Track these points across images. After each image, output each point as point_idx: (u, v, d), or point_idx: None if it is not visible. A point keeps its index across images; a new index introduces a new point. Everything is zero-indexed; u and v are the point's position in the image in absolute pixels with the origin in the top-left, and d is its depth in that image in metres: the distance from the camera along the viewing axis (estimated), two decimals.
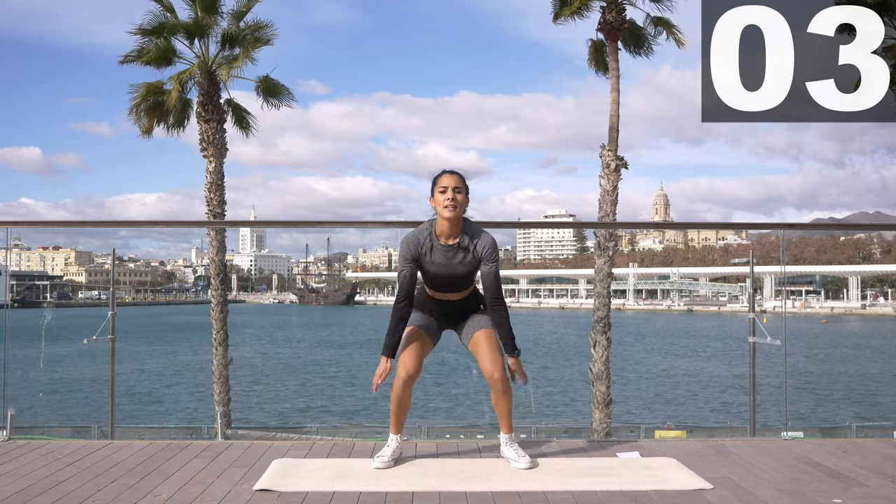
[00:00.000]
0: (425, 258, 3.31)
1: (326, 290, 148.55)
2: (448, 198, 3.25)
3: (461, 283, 3.38)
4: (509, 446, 3.37)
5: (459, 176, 3.32)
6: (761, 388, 4.74)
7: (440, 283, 3.37)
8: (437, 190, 3.29)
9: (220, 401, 15.03)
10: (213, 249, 16.07)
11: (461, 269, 3.31)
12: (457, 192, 3.26)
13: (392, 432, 3.39)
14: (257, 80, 16.26)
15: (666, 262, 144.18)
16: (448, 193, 3.25)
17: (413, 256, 3.31)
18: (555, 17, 15.17)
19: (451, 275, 3.33)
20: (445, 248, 3.31)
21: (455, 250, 3.30)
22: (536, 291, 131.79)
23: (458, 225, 3.30)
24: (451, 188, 3.26)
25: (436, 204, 3.29)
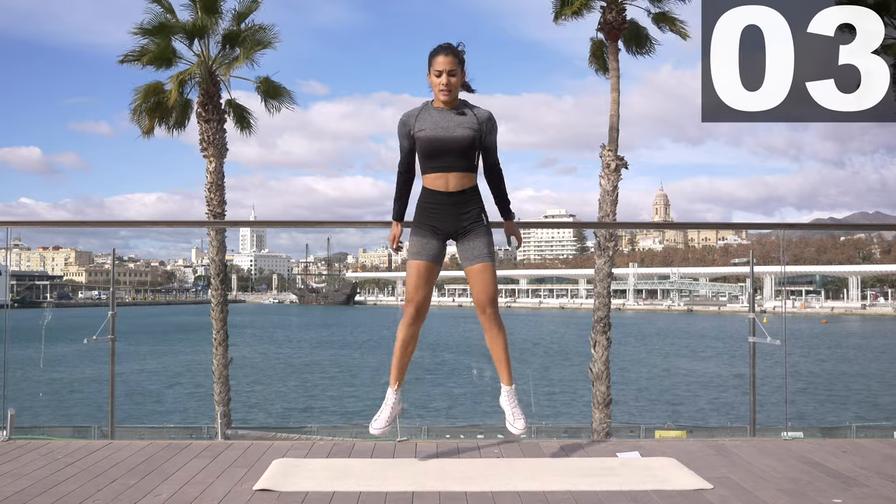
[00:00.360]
0: (422, 127, 3.23)
1: (326, 290, 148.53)
2: (442, 82, 3.21)
3: (461, 153, 3.22)
4: (509, 401, 3.35)
5: (454, 56, 3.23)
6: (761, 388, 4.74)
7: (439, 148, 3.20)
8: (433, 71, 3.24)
9: (220, 401, 15.03)
10: (213, 249, 16.07)
11: (461, 131, 3.20)
12: (451, 75, 3.21)
13: (390, 385, 3.35)
14: (257, 80, 16.27)
15: (666, 262, 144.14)
16: (443, 78, 3.21)
17: (407, 131, 3.27)
18: (555, 17, 15.17)
19: (450, 137, 3.19)
20: (441, 110, 3.25)
21: (453, 114, 3.24)
22: (536, 291, 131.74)
23: (454, 103, 3.27)
24: (446, 72, 3.21)
25: (432, 84, 3.26)
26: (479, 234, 3.30)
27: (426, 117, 3.24)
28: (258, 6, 15.87)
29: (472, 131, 3.22)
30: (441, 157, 3.23)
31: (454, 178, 3.25)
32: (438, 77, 3.22)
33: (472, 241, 3.29)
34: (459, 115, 3.23)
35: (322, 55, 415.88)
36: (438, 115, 3.24)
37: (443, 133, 3.20)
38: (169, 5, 15.65)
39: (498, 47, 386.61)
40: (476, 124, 3.23)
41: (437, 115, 3.24)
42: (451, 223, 3.29)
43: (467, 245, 3.30)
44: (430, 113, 3.25)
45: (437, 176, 3.25)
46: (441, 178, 3.25)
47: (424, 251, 3.30)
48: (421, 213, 3.32)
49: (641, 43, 15.81)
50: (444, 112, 3.24)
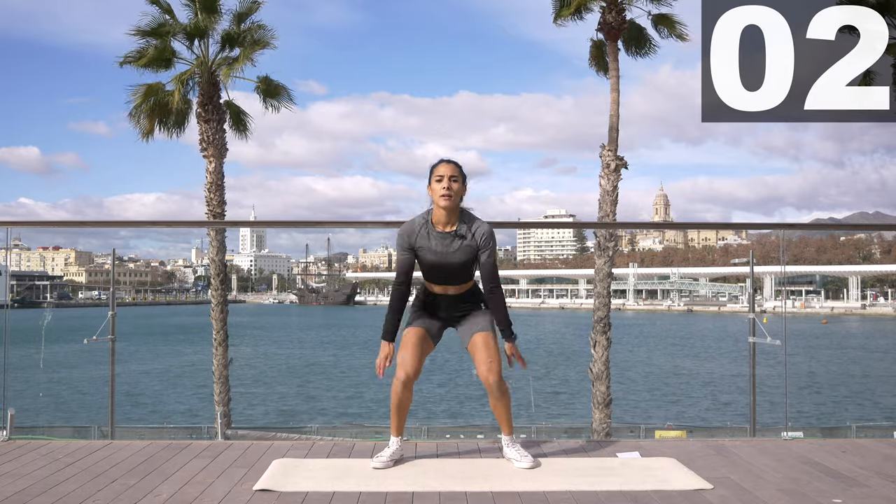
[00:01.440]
0: (421, 246, 3.28)
1: (326, 290, 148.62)
2: (444, 186, 3.23)
3: (460, 273, 3.33)
4: (511, 447, 3.36)
5: (456, 165, 3.30)
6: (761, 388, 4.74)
7: (438, 272, 3.32)
8: (434, 179, 3.27)
9: (220, 401, 15.03)
10: (213, 249, 16.07)
11: (459, 256, 3.27)
12: (453, 180, 3.24)
13: (392, 434, 3.38)
14: (257, 80, 16.27)
15: (666, 262, 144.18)
16: (444, 182, 3.23)
17: (408, 245, 3.29)
18: (555, 17, 15.17)
19: (448, 263, 3.28)
20: (442, 234, 3.28)
21: (452, 237, 3.27)
22: (536, 291, 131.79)
23: (454, 214, 3.28)
24: (448, 177, 3.24)
25: (432, 192, 3.28)
26: (478, 314, 3.41)
27: (426, 239, 3.28)
28: (259, 6, 15.88)
29: (468, 255, 3.29)
30: (441, 276, 3.35)
31: (454, 288, 3.39)
32: (439, 182, 3.25)
33: (472, 318, 3.40)
34: (458, 240, 3.27)
35: (320, 55, 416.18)
36: (438, 241, 3.28)
37: (441, 259, 3.28)
38: (167, 6, 15.65)
39: (498, 47, 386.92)
40: (473, 245, 3.28)
41: (437, 240, 3.28)
42: (451, 313, 3.42)
43: (466, 324, 3.40)
44: (430, 235, 3.28)
45: (439, 287, 3.39)
46: (441, 288, 3.39)
47: (423, 322, 3.39)
48: (421, 301, 3.44)
49: (641, 44, 15.80)
50: (443, 237, 3.27)
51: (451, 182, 3.24)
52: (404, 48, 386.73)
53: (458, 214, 3.30)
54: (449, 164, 3.29)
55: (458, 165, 3.31)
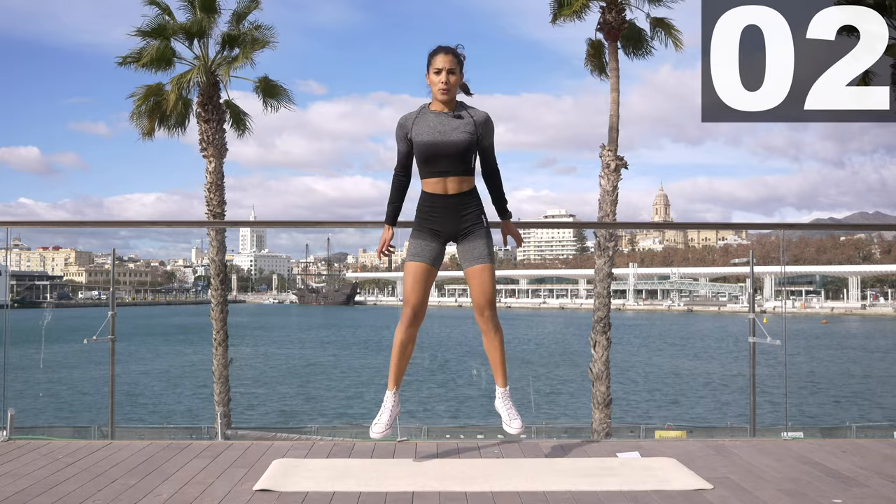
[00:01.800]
0: (419, 130, 3.23)
1: (326, 291, 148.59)
2: (442, 80, 3.20)
3: (459, 158, 3.22)
4: (504, 403, 3.36)
5: (454, 55, 3.25)
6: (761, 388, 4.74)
7: (436, 155, 3.20)
8: (432, 70, 3.23)
9: (220, 401, 15.04)
10: (213, 249, 16.08)
11: (457, 135, 3.19)
12: (450, 73, 3.21)
13: (389, 387, 3.35)
14: (256, 80, 16.29)
15: (666, 262, 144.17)
16: (442, 76, 3.21)
17: (404, 135, 3.27)
18: (553, 18, 15.16)
19: (447, 142, 3.19)
20: (438, 114, 3.25)
21: (450, 117, 3.24)
22: (536, 291, 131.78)
23: (452, 104, 3.27)
24: (446, 70, 3.21)
25: (430, 83, 3.25)
26: (478, 236, 3.31)
27: (423, 121, 3.24)
28: (257, 6, 15.90)
29: (468, 135, 3.21)
30: (439, 162, 3.23)
31: (452, 181, 3.26)
32: (437, 75, 3.21)
33: (472, 242, 3.30)
34: (456, 119, 3.23)
35: (319, 55, 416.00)
36: (435, 119, 3.23)
37: (440, 137, 3.19)
38: (166, 6, 15.65)
39: (497, 47, 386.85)
40: (473, 127, 3.23)
41: (434, 118, 3.23)
42: (451, 225, 3.29)
43: (467, 246, 3.31)
44: (427, 116, 3.25)
45: (436, 181, 3.26)
46: (440, 183, 3.26)
47: (423, 253, 3.30)
48: (420, 216, 3.33)
49: (639, 45, 15.82)
50: (441, 116, 3.24)
51: (448, 75, 3.21)
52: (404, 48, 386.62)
53: (455, 104, 3.28)
54: (447, 56, 3.23)
55: (456, 55, 3.25)
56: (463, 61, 3.27)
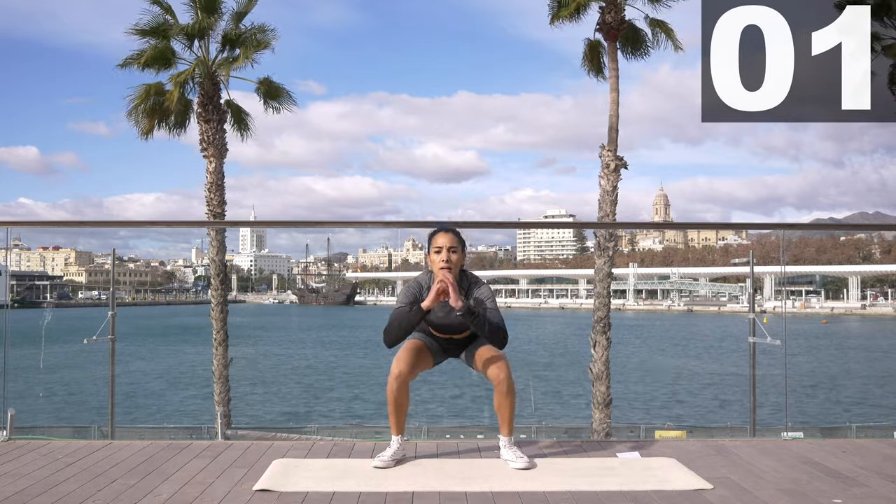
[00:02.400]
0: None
1: (326, 290, 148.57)
2: (443, 259, 3.28)
3: (462, 328, 3.39)
4: (509, 448, 3.38)
5: (454, 234, 3.34)
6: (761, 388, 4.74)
7: (441, 329, 3.42)
8: (433, 250, 3.32)
9: (220, 401, 15.03)
10: (213, 249, 16.07)
11: (457, 320, 3.31)
12: (451, 251, 3.29)
13: (392, 433, 3.39)
14: (257, 81, 16.27)
15: (666, 262, 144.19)
16: (443, 254, 3.28)
17: (414, 299, 3.31)
18: (552, 19, 15.15)
19: (450, 324, 3.36)
20: (443, 303, 3.31)
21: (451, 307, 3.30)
22: (536, 291, 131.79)
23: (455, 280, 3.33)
24: (447, 248, 3.29)
25: (432, 263, 3.32)
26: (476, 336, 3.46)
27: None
28: (255, 3, 15.87)
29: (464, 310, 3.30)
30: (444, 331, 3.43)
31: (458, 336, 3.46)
32: (438, 254, 3.29)
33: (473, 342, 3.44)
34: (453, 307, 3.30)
35: (319, 55, 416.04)
36: (441, 308, 3.33)
37: (443, 321, 3.36)
38: (168, 6, 15.64)
39: (497, 47, 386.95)
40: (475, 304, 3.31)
41: (440, 307, 3.32)
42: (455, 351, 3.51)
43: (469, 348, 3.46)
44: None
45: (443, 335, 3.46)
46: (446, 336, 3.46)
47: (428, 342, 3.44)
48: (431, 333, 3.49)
49: (638, 45, 15.81)
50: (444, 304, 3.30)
51: (449, 254, 3.28)
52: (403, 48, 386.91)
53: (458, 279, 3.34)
54: (447, 235, 3.33)
55: (455, 234, 3.35)
56: (464, 242, 3.38)
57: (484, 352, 3.36)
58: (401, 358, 3.32)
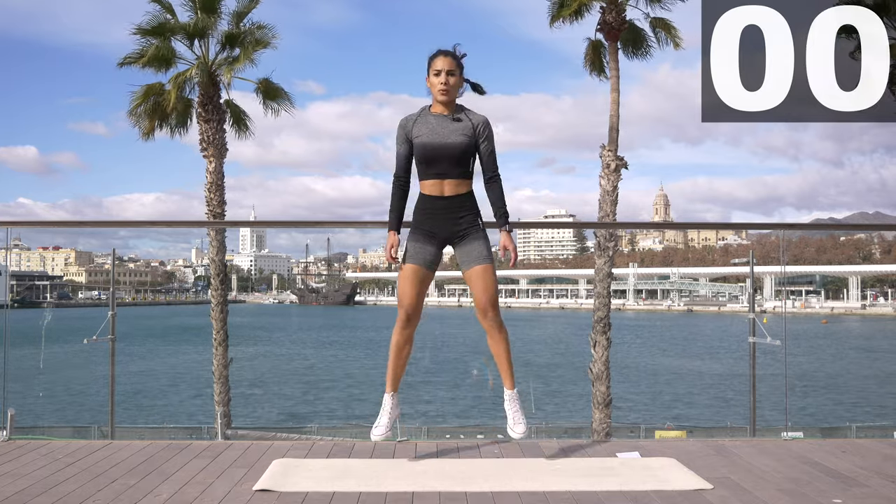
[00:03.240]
0: (419, 131, 3.25)
1: (326, 291, 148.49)
2: (441, 81, 3.23)
3: (456, 161, 3.24)
4: (511, 405, 3.37)
5: (454, 57, 3.28)
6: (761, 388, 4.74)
7: (434, 156, 3.22)
8: (432, 72, 3.26)
9: (220, 401, 15.03)
10: (213, 249, 16.07)
11: (456, 138, 3.22)
12: (450, 75, 3.24)
13: (387, 390, 3.37)
14: (257, 81, 16.27)
15: (666, 262, 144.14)
16: (441, 77, 3.24)
17: (405, 136, 3.28)
18: (552, 19, 15.16)
19: (445, 144, 3.21)
20: (438, 116, 3.27)
21: (450, 119, 3.27)
22: (536, 291, 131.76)
23: (451, 106, 3.29)
24: (445, 71, 3.24)
25: (430, 85, 3.28)
26: (476, 238, 3.31)
27: (423, 122, 3.27)
28: (257, 4, 15.87)
29: (466, 138, 3.23)
30: (437, 164, 3.24)
31: (449, 184, 3.27)
32: (437, 76, 3.24)
33: (470, 244, 3.30)
34: (455, 122, 3.26)
35: (318, 54, 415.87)
36: (435, 121, 3.25)
37: (438, 139, 3.22)
38: (169, 5, 15.64)
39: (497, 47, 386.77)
40: (471, 130, 3.25)
41: (434, 120, 3.26)
42: (447, 228, 3.30)
43: (465, 248, 3.31)
44: (427, 118, 3.27)
45: (434, 182, 3.27)
46: (437, 185, 3.27)
47: (418, 255, 3.30)
48: (418, 217, 3.33)
49: (639, 45, 15.82)
50: (440, 118, 3.26)
51: (448, 77, 3.24)
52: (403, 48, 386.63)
53: (455, 107, 3.31)
54: (446, 58, 3.26)
55: (455, 58, 3.28)
56: (462, 63, 3.30)
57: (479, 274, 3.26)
58: (403, 298, 3.28)
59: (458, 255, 3.34)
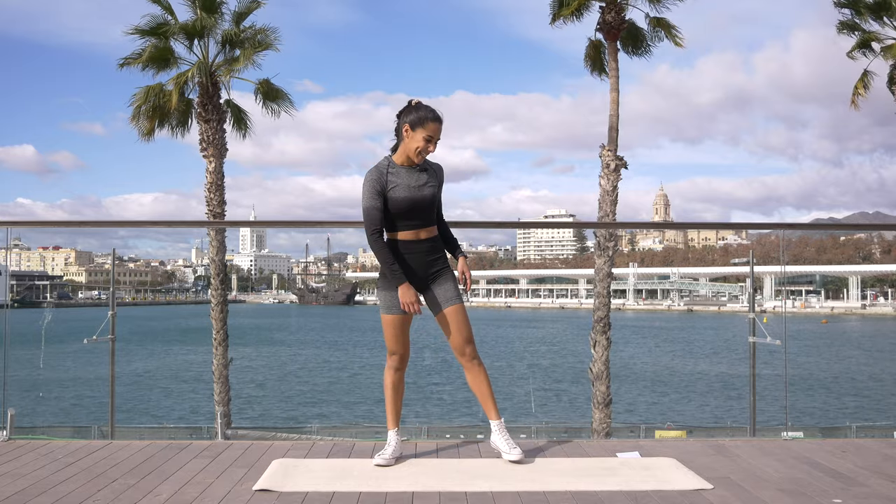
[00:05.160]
0: (393, 184, 3.24)
1: (326, 290, 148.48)
2: (429, 149, 3.26)
3: (429, 210, 3.31)
4: (500, 435, 3.37)
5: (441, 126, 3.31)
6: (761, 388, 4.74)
7: (411, 209, 3.26)
8: (422, 133, 3.23)
9: (220, 401, 15.02)
10: (213, 249, 16.06)
11: (427, 190, 3.28)
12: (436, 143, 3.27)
13: (389, 427, 3.39)
14: (257, 82, 16.24)
15: (666, 262, 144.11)
16: (431, 146, 3.26)
17: (380, 189, 3.25)
18: (552, 18, 15.16)
19: (420, 198, 3.26)
20: (408, 169, 3.28)
21: (418, 172, 3.29)
22: (536, 291, 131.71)
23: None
24: (435, 140, 3.27)
25: (410, 142, 3.24)
26: (446, 279, 3.37)
27: (395, 176, 3.27)
28: (258, 6, 15.85)
29: (434, 188, 3.32)
30: (414, 216, 3.28)
31: (424, 231, 3.33)
32: (428, 142, 3.25)
33: (441, 286, 3.35)
34: (422, 173, 3.30)
35: (317, 54, 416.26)
36: (407, 175, 3.28)
37: (414, 193, 3.26)
38: (168, 5, 15.62)
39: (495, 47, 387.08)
40: (435, 178, 3.34)
41: (405, 174, 3.28)
42: (424, 269, 3.34)
43: (437, 291, 3.35)
44: (397, 172, 3.28)
45: (410, 232, 3.31)
46: (413, 233, 3.31)
47: (397, 304, 3.30)
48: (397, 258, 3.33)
49: (638, 44, 15.82)
50: (410, 171, 3.29)
51: (434, 145, 3.27)
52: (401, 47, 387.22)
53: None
54: (440, 126, 3.28)
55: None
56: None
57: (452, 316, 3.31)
58: (393, 345, 3.34)
59: (429, 300, 3.38)
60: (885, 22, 16.14)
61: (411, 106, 3.29)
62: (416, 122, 3.24)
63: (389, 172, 3.27)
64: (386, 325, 3.34)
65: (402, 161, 3.29)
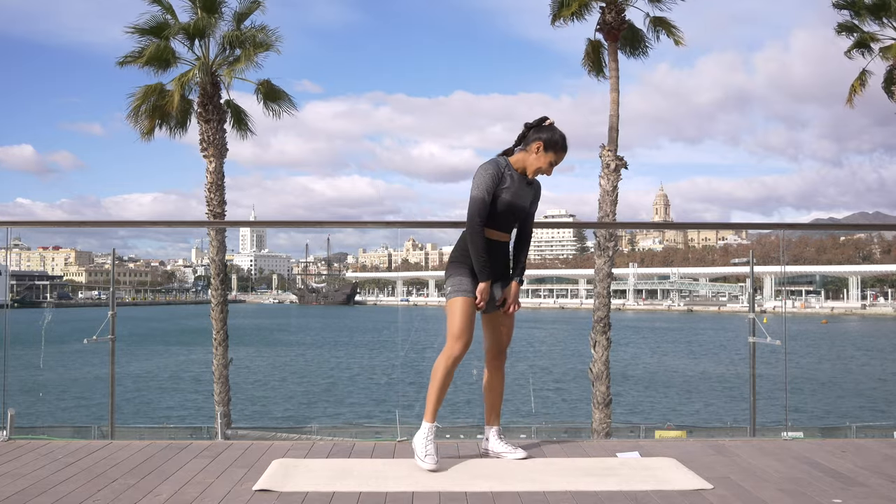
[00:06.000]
0: (505, 186, 3.29)
1: (326, 290, 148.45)
2: (548, 174, 3.37)
3: (520, 218, 3.41)
4: (500, 440, 3.42)
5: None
6: (761, 388, 4.74)
7: (509, 214, 3.32)
8: (549, 157, 3.30)
9: (220, 401, 15.02)
10: (213, 249, 16.05)
11: (527, 200, 3.38)
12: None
13: (428, 419, 3.31)
14: (258, 83, 16.23)
15: (666, 262, 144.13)
16: (551, 171, 3.36)
17: (495, 186, 3.27)
18: (553, 19, 15.16)
19: (520, 207, 3.35)
20: (522, 177, 3.35)
21: (527, 184, 3.37)
22: (536, 291, 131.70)
23: None
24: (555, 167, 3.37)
25: (536, 161, 3.31)
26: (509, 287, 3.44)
27: (510, 179, 3.32)
28: (258, 6, 15.84)
29: (533, 204, 3.45)
30: (507, 220, 3.36)
31: (508, 235, 3.44)
32: (551, 166, 3.34)
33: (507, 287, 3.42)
34: (529, 186, 3.39)
35: (316, 54, 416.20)
36: (518, 181, 3.34)
37: (519, 202, 3.34)
38: (168, 5, 15.61)
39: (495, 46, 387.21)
40: (535, 195, 3.44)
41: (518, 180, 3.34)
42: (498, 268, 3.38)
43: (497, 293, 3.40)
44: (512, 175, 3.34)
45: (498, 233, 3.36)
46: (500, 234, 3.38)
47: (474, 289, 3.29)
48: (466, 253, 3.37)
49: (637, 44, 15.82)
50: (521, 179, 3.36)
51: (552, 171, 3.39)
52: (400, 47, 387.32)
53: None
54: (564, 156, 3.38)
55: None
56: None
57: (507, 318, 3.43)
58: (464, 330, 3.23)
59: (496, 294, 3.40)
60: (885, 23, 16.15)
61: (546, 125, 3.35)
62: (550, 144, 3.31)
63: (505, 174, 3.31)
64: (458, 308, 3.25)
65: (517, 167, 3.35)
